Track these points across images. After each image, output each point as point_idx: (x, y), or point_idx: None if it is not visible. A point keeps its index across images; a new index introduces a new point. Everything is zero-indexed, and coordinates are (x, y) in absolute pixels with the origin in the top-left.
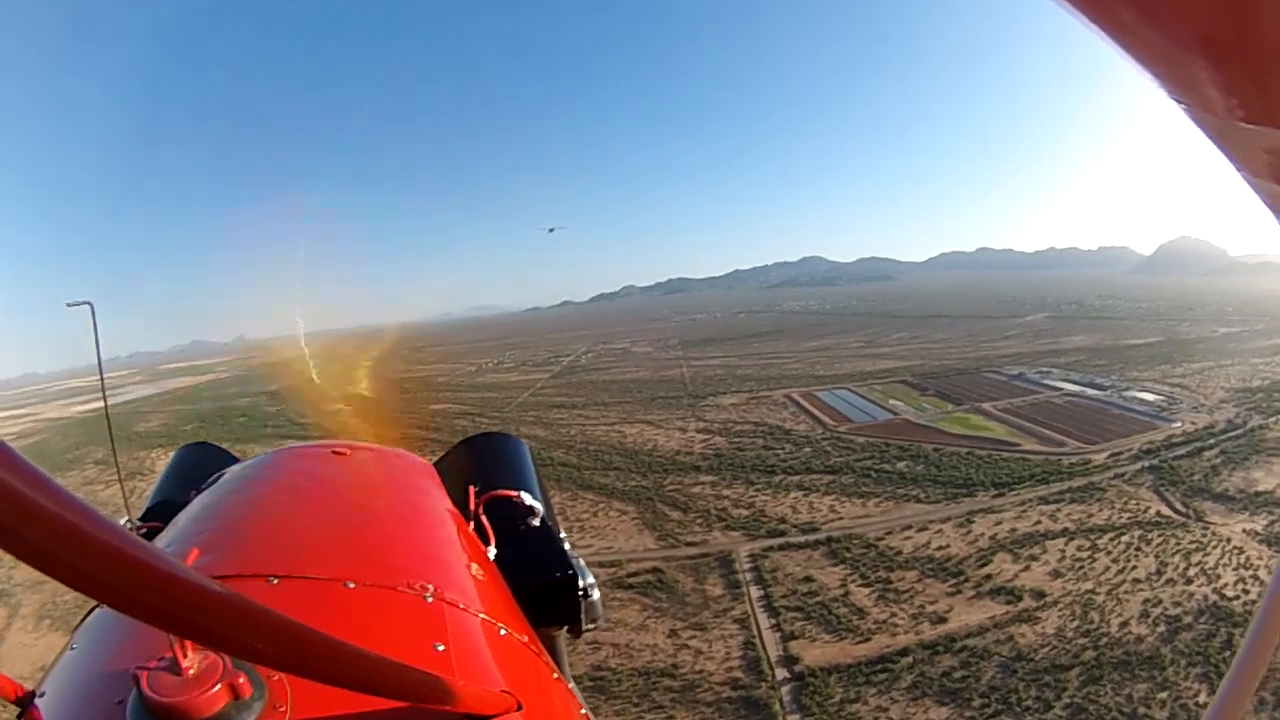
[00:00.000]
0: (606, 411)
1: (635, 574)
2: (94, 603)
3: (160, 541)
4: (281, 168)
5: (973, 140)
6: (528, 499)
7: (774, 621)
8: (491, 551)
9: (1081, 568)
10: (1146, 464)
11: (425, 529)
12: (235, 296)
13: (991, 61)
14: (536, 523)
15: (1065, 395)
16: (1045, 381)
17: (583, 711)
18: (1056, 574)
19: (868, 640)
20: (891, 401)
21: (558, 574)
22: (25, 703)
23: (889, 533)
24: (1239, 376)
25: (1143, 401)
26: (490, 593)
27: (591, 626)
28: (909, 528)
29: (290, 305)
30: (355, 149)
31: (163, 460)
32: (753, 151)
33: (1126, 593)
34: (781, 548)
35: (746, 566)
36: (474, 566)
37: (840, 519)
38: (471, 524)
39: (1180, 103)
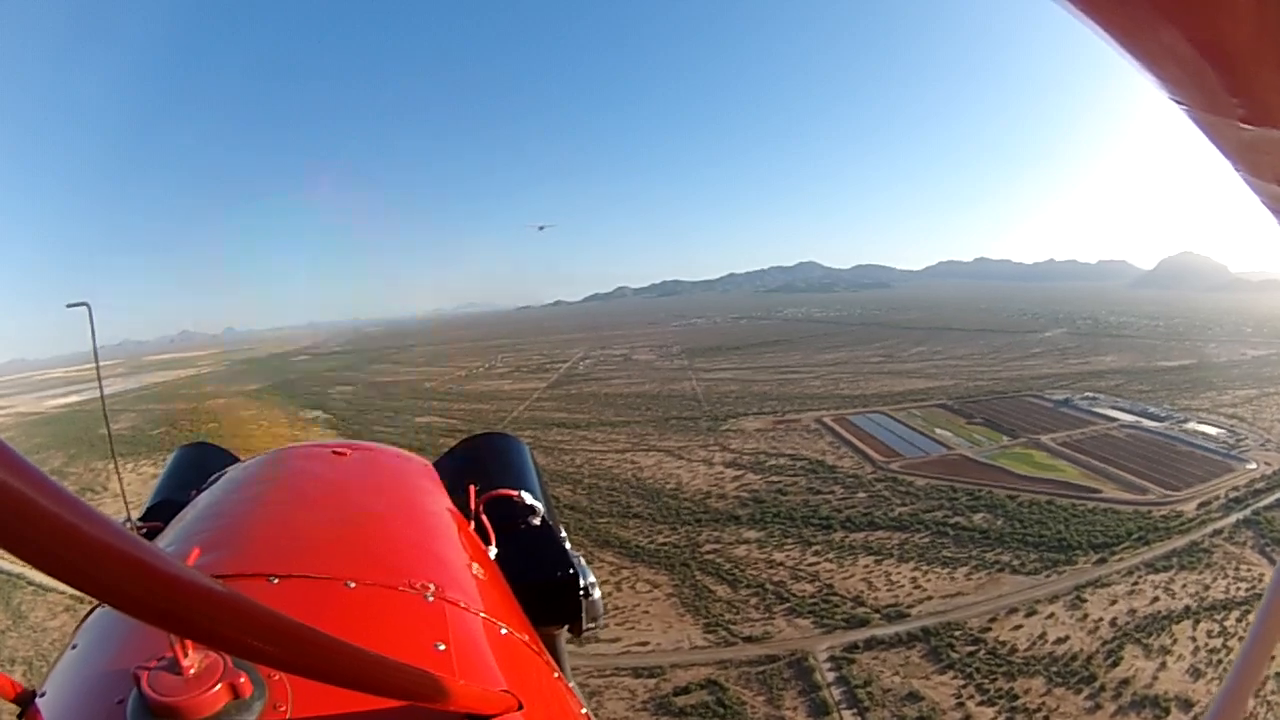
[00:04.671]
0: (614, 434)
1: (685, 690)
2: (94, 602)
3: (161, 541)
4: (273, 162)
5: (970, 147)
6: (528, 498)
7: None
8: (492, 551)
9: (1220, 662)
10: (1240, 516)
11: (426, 528)
12: (225, 289)
13: (991, 65)
14: (537, 522)
15: (1123, 427)
16: (1096, 410)
17: (583, 711)
18: (1196, 672)
19: None
20: (938, 431)
21: (559, 573)
22: (26, 702)
23: (993, 619)
24: None
25: (1207, 436)
26: (491, 592)
27: (592, 625)
28: (1014, 611)
29: (280, 300)
30: (349, 144)
31: (122, 472)
32: (749, 154)
33: (1275, 694)
34: (868, 645)
35: (830, 676)
36: (475, 566)
37: (928, 597)
38: (472, 524)
39: (1181, 104)
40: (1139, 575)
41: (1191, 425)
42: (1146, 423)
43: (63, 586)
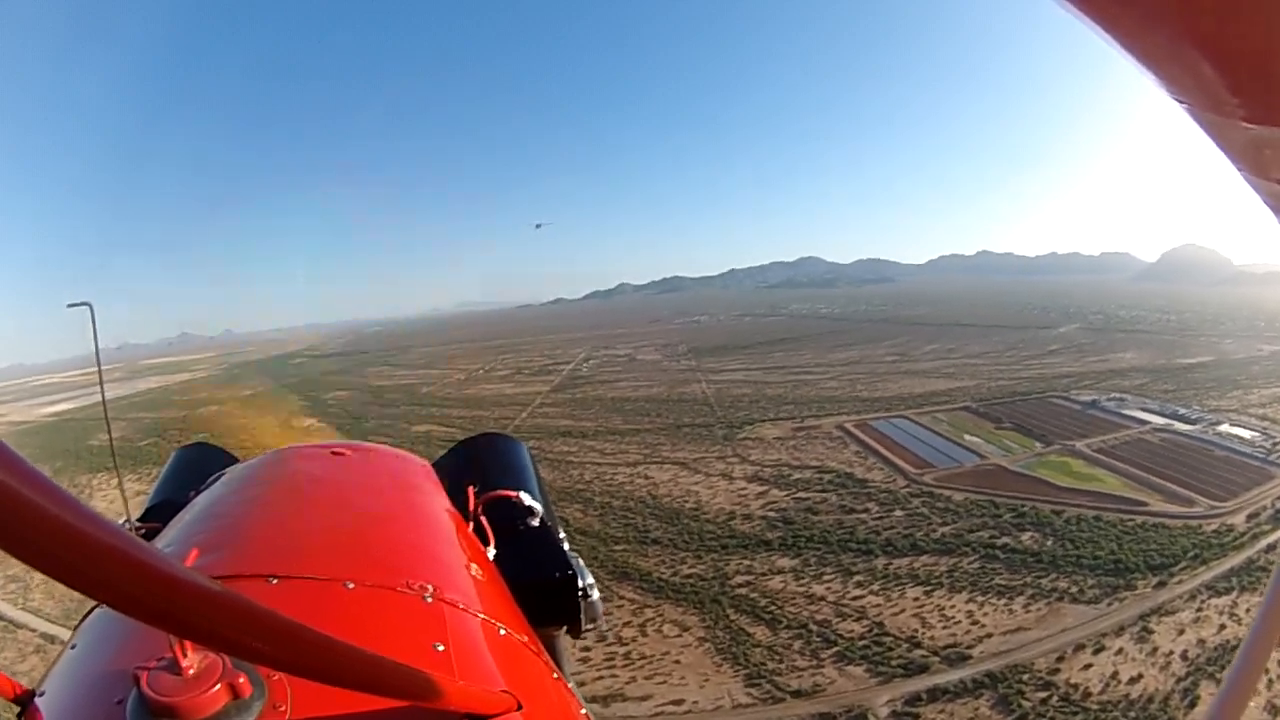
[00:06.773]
0: (624, 444)
1: None
2: (94, 603)
3: (160, 542)
4: (272, 162)
5: (972, 142)
6: (527, 499)
7: None
8: (491, 552)
9: None
10: None
11: (425, 529)
12: (224, 291)
13: (993, 60)
14: (536, 523)
15: (1156, 431)
16: (1125, 412)
17: (583, 711)
18: (1274, 709)
19: None
20: (967, 438)
21: (557, 574)
22: (25, 702)
23: (1060, 658)
24: None
25: (1242, 440)
26: (490, 593)
27: (591, 626)
28: (1081, 647)
29: (279, 301)
30: (347, 144)
31: (106, 488)
32: (749, 149)
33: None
34: (931, 695)
35: None
36: (473, 567)
37: (988, 634)
38: (471, 524)
39: (1182, 102)
40: (1202, 600)
41: (1224, 428)
42: (1178, 425)
43: (35, 624)
